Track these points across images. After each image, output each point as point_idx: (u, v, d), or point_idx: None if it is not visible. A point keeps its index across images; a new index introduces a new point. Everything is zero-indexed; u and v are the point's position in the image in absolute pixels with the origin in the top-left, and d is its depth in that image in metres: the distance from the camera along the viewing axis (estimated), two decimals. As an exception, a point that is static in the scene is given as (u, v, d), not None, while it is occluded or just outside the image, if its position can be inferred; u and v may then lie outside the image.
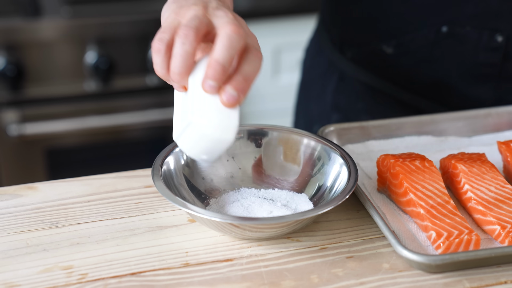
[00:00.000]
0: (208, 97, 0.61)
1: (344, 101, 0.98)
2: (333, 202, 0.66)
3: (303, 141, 0.77)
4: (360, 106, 0.96)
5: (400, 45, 0.91)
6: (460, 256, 0.63)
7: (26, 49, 1.54)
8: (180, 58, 0.60)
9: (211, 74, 0.59)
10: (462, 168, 0.74)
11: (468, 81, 0.91)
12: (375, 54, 0.93)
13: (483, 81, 0.91)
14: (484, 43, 0.88)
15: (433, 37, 0.89)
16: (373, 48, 0.93)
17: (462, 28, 0.87)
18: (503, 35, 0.87)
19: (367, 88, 0.95)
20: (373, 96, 0.95)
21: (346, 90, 0.97)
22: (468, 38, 0.88)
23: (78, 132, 1.63)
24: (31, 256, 0.66)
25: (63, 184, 0.77)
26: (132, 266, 0.65)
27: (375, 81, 0.95)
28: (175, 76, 0.61)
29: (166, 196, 0.66)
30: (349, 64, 0.96)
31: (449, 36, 0.88)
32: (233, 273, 0.64)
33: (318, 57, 1.02)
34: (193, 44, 0.60)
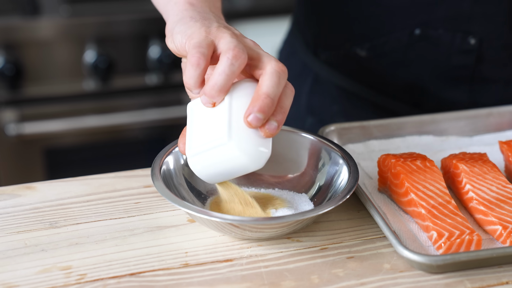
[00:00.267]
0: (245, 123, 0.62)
1: (318, 104, 0.98)
2: (334, 202, 0.66)
3: (304, 141, 0.77)
4: (335, 109, 0.96)
5: (373, 48, 0.92)
6: (461, 257, 0.63)
7: (25, 48, 1.54)
8: (225, 76, 0.61)
9: (260, 107, 0.60)
10: (463, 168, 0.73)
11: (442, 84, 0.92)
12: (349, 57, 0.94)
13: (457, 84, 0.92)
14: (457, 46, 0.88)
15: (406, 40, 0.90)
16: (347, 51, 0.94)
17: (435, 31, 0.88)
18: (475, 38, 0.87)
19: (341, 91, 0.96)
20: (348, 98, 0.96)
21: (320, 92, 0.98)
22: (441, 41, 0.89)
23: (77, 132, 1.63)
24: (30, 257, 0.66)
25: (61, 184, 0.77)
26: (132, 267, 0.65)
27: (350, 84, 0.95)
28: (214, 92, 0.62)
29: (165, 196, 0.66)
30: (323, 67, 0.97)
31: (422, 39, 0.89)
32: (233, 274, 0.64)
33: (292, 59, 1.03)
34: (241, 67, 0.61)
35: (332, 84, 0.96)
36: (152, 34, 1.61)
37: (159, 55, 1.61)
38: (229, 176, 0.65)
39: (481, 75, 0.91)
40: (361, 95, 0.94)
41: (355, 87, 0.95)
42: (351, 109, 0.95)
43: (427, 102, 0.93)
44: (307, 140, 0.76)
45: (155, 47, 1.61)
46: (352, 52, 0.93)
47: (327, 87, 0.97)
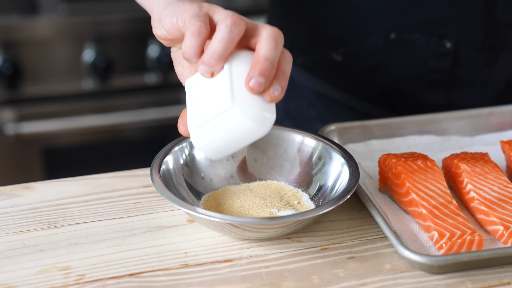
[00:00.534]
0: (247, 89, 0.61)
1: (295, 109, 0.99)
2: (334, 202, 0.66)
3: (304, 141, 0.77)
4: (312, 113, 0.97)
5: (349, 52, 0.92)
6: (462, 257, 0.63)
7: (23, 47, 1.54)
8: (225, 44, 0.60)
9: (260, 70, 0.59)
10: (464, 168, 0.74)
11: (419, 88, 0.92)
12: (325, 61, 0.94)
13: (433, 87, 0.92)
14: (433, 49, 0.89)
15: (382, 44, 0.90)
16: (323, 55, 0.94)
17: (411, 34, 0.88)
18: (451, 41, 0.88)
19: (318, 95, 0.96)
20: (324, 103, 0.96)
21: (297, 97, 0.98)
22: (417, 45, 0.89)
23: (76, 131, 1.63)
24: (28, 257, 0.66)
25: (60, 183, 0.77)
26: (131, 267, 0.65)
27: (326, 88, 0.95)
28: (213, 60, 0.61)
29: (165, 196, 0.66)
30: (299, 71, 0.97)
31: (398, 43, 0.89)
32: (232, 274, 0.64)
33: None
34: (240, 34, 0.61)
35: (308, 89, 0.97)
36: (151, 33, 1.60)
37: (158, 54, 1.61)
38: (234, 147, 0.62)
39: (458, 78, 0.91)
40: (338, 100, 0.95)
41: (332, 92, 0.95)
42: (328, 114, 0.95)
43: (405, 106, 0.93)
44: (307, 139, 0.76)
45: (154, 46, 1.61)
46: (328, 57, 0.93)
47: (303, 91, 0.97)
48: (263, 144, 0.77)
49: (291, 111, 0.98)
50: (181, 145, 0.75)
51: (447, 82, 0.91)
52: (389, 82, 0.92)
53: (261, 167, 0.77)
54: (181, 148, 0.75)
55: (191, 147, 0.75)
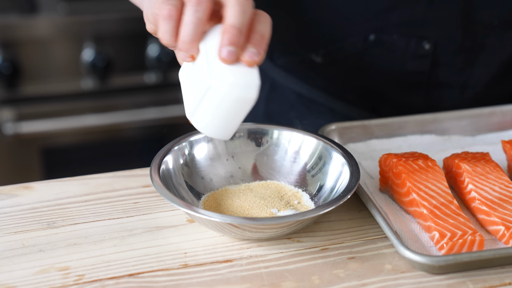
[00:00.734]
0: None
1: (276, 110, 0.99)
2: (335, 202, 0.66)
3: (304, 140, 0.77)
4: (292, 115, 0.97)
5: (328, 54, 0.92)
6: (463, 257, 0.63)
7: (22, 47, 1.54)
8: (193, 25, 0.60)
9: (228, 39, 0.59)
10: (465, 168, 0.73)
11: (399, 89, 0.92)
12: (305, 63, 0.94)
13: (413, 89, 0.92)
14: (411, 51, 0.89)
15: (361, 45, 0.90)
16: (302, 57, 0.94)
17: (390, 36, 0.88)
18: (430, 43, 0.88)
19: (298, 97, 0.96)
20: (305, 104, 0.96)
21: (277, 99, 0.98)
22: (395, 46, 0.89)
23: (75, 131, 1.63)
24: (27, 257, 0.66)
25: (59, 183, 0.77)
26: (130, 267, 0.65)
27: (307, 90, 0.96)
28: (186, 44, 0.61)
29: (164, 196, 0.66)
30: (280, 72, 0.97)
31: (377, 44, 0.89)
32: (232, 274, 0.64)
33: None
34: (206, 12, 0.60)
35: (289, 90, 0.97)
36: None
37: (157, 53, 1.61)
38: (233, 120, 0.63)
39: (437, 79, 0.91)
40: (318, 101, 0.95)
41: (312, 93, 0.95)
42: (308, 115, 0.95)
43: (385, 107, 0.93)
44: (308, 139, 0.76)
45: (153, 46, 1.61)
46: (307, 58, 0.94)
47: (284, 93, 0.98)
48: (263, 143, 0.77)
49: (272, 113, 0.99)
50: (180, 144, 0.75)
51: (426, 84, 0.91)
52: (369, 83, 0.93)
53: (261, 166, 0.77)
54: (180, 147, 0.75)
55: (191, 147, 0.75)
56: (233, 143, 0.77)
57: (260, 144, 0.78)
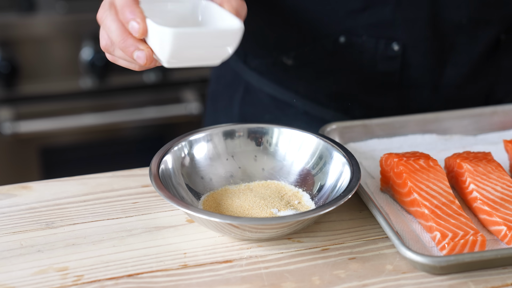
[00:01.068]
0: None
1: (251, 113, 1.00)
2: (335, 202, 0.66)
3: (305, 140, 0.77)
4: (267, 118, 0.98)
5: (299, 56, 0.93)
6: (465, 258, 0.63)
7: (20, 45, 1.54)
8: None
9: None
10: (467, 167, 0.73)
11: (370, 91, 0.93)
12: (277, 65, 0.95)
13: (384, 90, 0.92)
14: (381, 52, 0.89)
15: (331, 47, 0.90)
16: (275, 59, 0.95)
17: (359, 37, 0.89)
18: (399, 44, 0.88)
19: (272, 100, 0.97)
20: (278, 107, 0.97)
21: (252, 101, 0.99)
22: (365, 48, 0.90)
23: (74, 130, 1.63)
24: (25, 257, 0.66)
25: (58, 183, 0.77)
26: (129, 268, 0.65)
27: (280, 92, 0.96)
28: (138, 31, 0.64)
29: (164, 196, 0.66)
30: (254, 75, 0.98)
31: (347, 46, 0.90)
32: (232, 275, 0.64)
33: (224, 68, 1.04)
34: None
35: (263, 93, 0.98)
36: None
37: (157, 52, 1.61)
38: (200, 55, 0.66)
39: (408, 80, 0.92)
40: (292, 104, 0.96)
41: (285, 96, 0.96)
42: (282, 118, 0.96)
43: (357, 110, 0.94)
44: (308, 139, 0.76)
45: (153, 44, 1.61)
46: (279, 61, 0.94)
47: (258, 96, 0.98)
48: (263, 143, 0.77)
49: (246, 116, 0.99)
50: (180, 144, 0.75)
51: (397, 85, 0.92)
52: (341, 85, 0.93)
53: (261, 166, 0.77)
54: (180, 147, 0.75)
55: (190, 147, 0.75)
56: (233, 142, 0.77)
57: (260, 144, 0.78)
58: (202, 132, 0.76)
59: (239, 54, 0.99)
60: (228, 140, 0.77)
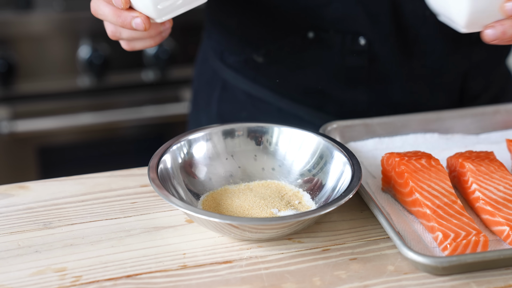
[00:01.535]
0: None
1: (228, 111, 1.00)
2: (336, 202, 0.66)
3: (305, 139, 0.77)
4: (243, 115, 0.99)
5: (269, 53, 0.94)
6: (467, 258, 0.63)
7: (18, 44, 1.54)
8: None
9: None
10: (469, 167, 0.73)
11: (340, 86, 0.93)
12: (249, 62, 0.96)
13: (355, 85, 0.93)
14: (348, 47, 0.90)
15: (300, 43, 0.91)
16: (247, 56, 0.96)
17: (326, 33, 0.89)
18: (365, 38, 0.89)
19: (248, 97, 0.98)
20: (254, 104, 0.98)
21: (229, 99, 1.00)
22: (333, 43, 0.90)
23: (71, 130, 1.63)
24: (23, 258, 0.66)
25: (56, 183, 0.77)
26: (128, 268, 0.65)
27: (254, 89, 0.97)
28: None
29: (162, 195, 0.66)
30: (230, 73, 0.99)
31: (316, 42, 0.90)
32: (232, 276, 0.64)
33: (204, 66, 1.05)
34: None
35: (239, 90, 0.99)
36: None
37: (155, 50, 1.61)
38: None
39: (378, 74, 0.92)
40: (266, 100, 0.97)
41: (260, 92, 0.97)
42: (258, 115, 0.97)
43: (329, 105, 0.95)
44: (309, 138, 0.76)
45: (151, 43, 1.61)
46: (251, 58, 0.96)
47: (234, 93, 0.99)
48: (263, 142, 0.77)
49: (224, 114, 1.00)
50: (179, 143, 0.75)
51: (367, 79, 0.92)
52: (311, 81, 0.94)
53: (261, 166, 0.77)
54: (179, 147, 0.75)
55: (189, 146, 0.75)
56: (232, 142, 0.77)
57: (260, 143, 0.78)
58: (201, 131, 0.76)
59: (216, 51, 1.00)
60: (228, 139, 0.77)
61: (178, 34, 1.62)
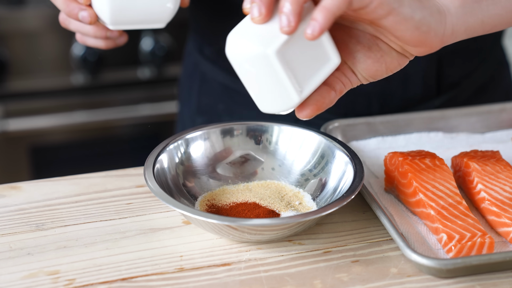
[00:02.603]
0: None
1: (206, 103, 1.01)
2: (338, 203, 0.66)
3: (306, 138, 0.77)
4: (220, 107, 0.99)
5: None
6: (472, 260, 0.63)
7: (9, 40, 1.54)
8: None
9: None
10: (475, 167, 0.73)
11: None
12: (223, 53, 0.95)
13: None
14: None
15: None
16: (220, 47, 0.95)
17: None
18: None
19: (224, 89, 0.99)
20: (231, 96, 0.98)
21: (207, 92, 1.01)
22: None
23: (65, 128, 1.63)
24: (15, 261, 0.66)
25: (49, 183, 0.77)
26: (123, 271, 0.65)
27: (231, 81, 0.98)
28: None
29: (159, 196, 0.66)
30: (207, 64, 1.00)
31: None
32: (230, 279, 0.64)
33: (187, 60, 1.06)
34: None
35: (216, 82, 0.99)
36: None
37: (151, 47, 1.61)
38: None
39: None
40: (242, 92, 0.97)
41: (236, 84, 0.97)
42: (235, 107, 0.97)
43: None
44: (310, 137, 0.76)
45: (147, 39, 1.61)
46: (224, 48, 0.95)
47: (212, 85, 1.00)
48: (262, 141, 0.77)
49: (203, 107, 1.01)
50: (176, 143, 0.75)
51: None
52: None
53: (261, 165, 0.77)
54: (176, 146, 0.75)
55: (186, 145, 0.75)
56: (231, 141, 0.77)
57: (259, 142, 0.78)
58: (199, 130, 0.76)
59: (196, 44, 1.00)
60: (227, 138, 0.77)
61: (175, 30, 1.62)
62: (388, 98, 0.91)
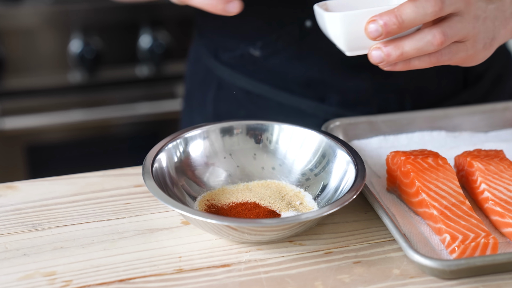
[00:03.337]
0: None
1: (225, 110, 1.01)
2: (339, 203, 0.66)
3: (307, 137, 0.77)
4: (242, 113, 0.99)
5: (266, 45, 0.94)
6: (476, 261, 0.63)
7: (6, 37, 1.54)
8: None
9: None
10: (478, 166, 0.73)
11: (342, 74, 0.94)
12: (245, 57, 0.97)
13: (357, 72, 0.93)
14: None
15: (298, 33, 0.91)
16: (242, 51, 0.96)
17: None
18: None
19: (245, 94, 0.98)
20: (252, 101, 0.98)
21: (225, 98, 1.00)
22: None
23: (62, 127, 1.63)
24: (10, 261, 0.66)
25: (45, 183, 0.77)
26: (121, 272, 0.65)
27: (252, 85, 0.98)
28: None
29: (157, 196, 0.66)
30: (225, 70, 0.99)
31: (314, 30, 0.90)
32: (230, 280, 0.64)
33: (197, 65, 1.05)
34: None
35: (235, 88, 0.99)
36: (142, 23, 1.61)
37: (150, 45, 1.61)
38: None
39: None
40: (265, 96, 0.97)
41: (258, 88, 0.97)
42: (258, 112, 0.97)
43: (333, 96, 0.95)
44: (310, 136, 0.76)
45: (145, 36, 1.61)
46: (247, 53, 0.96)
47: (231, 91, 1.00)
48: (263, 140, 0.77)
49: (221, 113, 1.01)
50: (175, 142, 0.75)
51: (369, 65, 0.92)
52: (311, 72, 0.94)
53: (261, 165, 0.77)
54: (175, 145, 0.74)
55: (185, 144, 0.75)
56: (231, 140, 0.77)
57: (259, 141, 0.78)
58: (198, 129, 0.76)
59: (210, 49, 1.00)
60: (226, 138, 0.77)
61: (174, 28, 1.62)
62: (422, 93, 0.92)
